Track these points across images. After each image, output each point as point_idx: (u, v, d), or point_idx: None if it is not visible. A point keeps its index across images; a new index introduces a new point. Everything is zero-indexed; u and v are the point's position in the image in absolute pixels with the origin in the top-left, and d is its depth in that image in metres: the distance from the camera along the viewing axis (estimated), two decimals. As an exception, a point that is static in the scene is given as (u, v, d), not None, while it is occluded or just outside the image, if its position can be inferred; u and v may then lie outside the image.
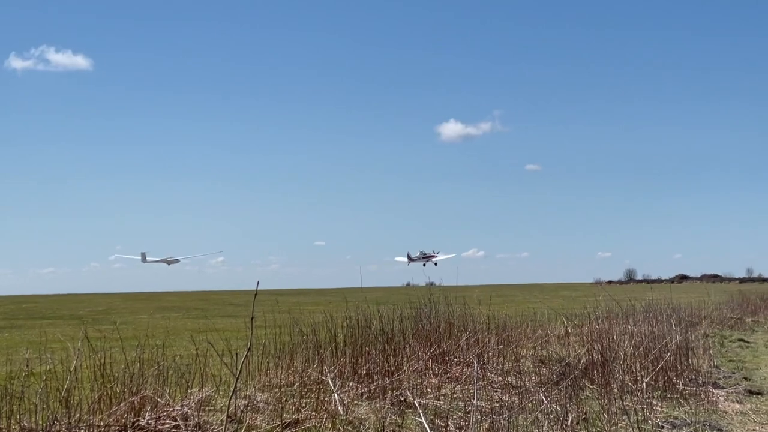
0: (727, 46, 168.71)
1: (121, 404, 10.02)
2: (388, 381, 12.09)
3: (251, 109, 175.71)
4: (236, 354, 11.98)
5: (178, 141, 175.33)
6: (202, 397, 10.74)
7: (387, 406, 11.27)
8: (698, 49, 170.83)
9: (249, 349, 8.95)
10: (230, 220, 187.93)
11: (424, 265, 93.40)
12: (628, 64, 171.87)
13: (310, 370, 12.74)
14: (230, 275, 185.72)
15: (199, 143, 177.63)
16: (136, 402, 10.11)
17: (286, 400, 11.00)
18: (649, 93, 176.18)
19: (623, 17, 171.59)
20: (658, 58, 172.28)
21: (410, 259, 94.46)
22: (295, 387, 11.94)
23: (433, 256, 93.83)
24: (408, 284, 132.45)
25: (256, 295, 7.45)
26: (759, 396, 14.21)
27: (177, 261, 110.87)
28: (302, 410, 10.70)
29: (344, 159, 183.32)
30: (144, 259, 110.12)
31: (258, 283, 7.72)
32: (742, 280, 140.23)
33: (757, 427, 11.68)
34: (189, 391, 11.08)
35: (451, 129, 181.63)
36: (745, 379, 16.07)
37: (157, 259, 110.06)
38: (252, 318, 8.46)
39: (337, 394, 11.10)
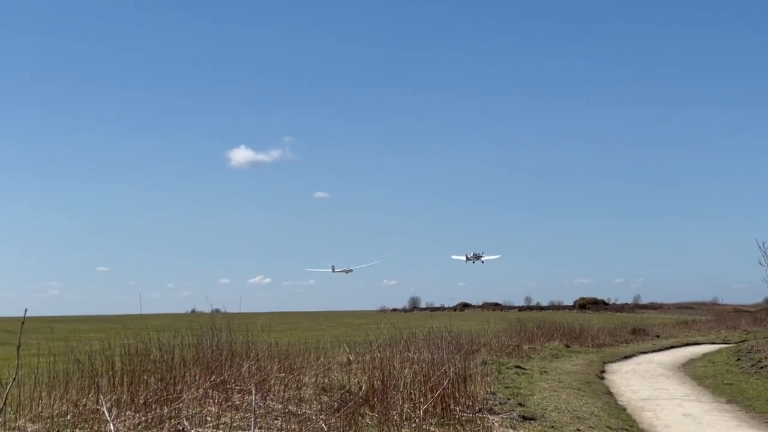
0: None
1: None
2: (166, 410, 11.84)
3: (36, 130, 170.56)
4: (5, 384, 11.51)
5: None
6: (-34, 429, 10.27)
7: (164, 435, 11.05)
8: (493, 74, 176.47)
9: (14, 379, 8.60)
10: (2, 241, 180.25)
11: (473, 263, 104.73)
12: (416, 92, 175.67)
13: (85, 400, 12.36)
14: (4, 301, 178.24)
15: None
16: None
17: (58, 431, 10.64)
18: (436, 122, 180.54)
19: (413, 41, 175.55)
20: (446, 85, 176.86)
21: (467, 258, 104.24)
22: (68, 417, 11.57)
23: (482, 257, 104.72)
24: (192, 311, 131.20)
25: (23, 322, 7.18)
26: (532, 421, 14.68)
27: (351, 270, 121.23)
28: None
29: (129, 183, 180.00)
30: (333, 270, 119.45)
31: (26, 310, 7.46)
32: (521, 308, 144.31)
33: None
34: (-48, 423, 10.58)
35: (242, 155, 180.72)
36: (520, 405, 16.58)
37: (341, 269, 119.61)
38: (18, 347, 8.15)
39: (113, 424, 10.79)
